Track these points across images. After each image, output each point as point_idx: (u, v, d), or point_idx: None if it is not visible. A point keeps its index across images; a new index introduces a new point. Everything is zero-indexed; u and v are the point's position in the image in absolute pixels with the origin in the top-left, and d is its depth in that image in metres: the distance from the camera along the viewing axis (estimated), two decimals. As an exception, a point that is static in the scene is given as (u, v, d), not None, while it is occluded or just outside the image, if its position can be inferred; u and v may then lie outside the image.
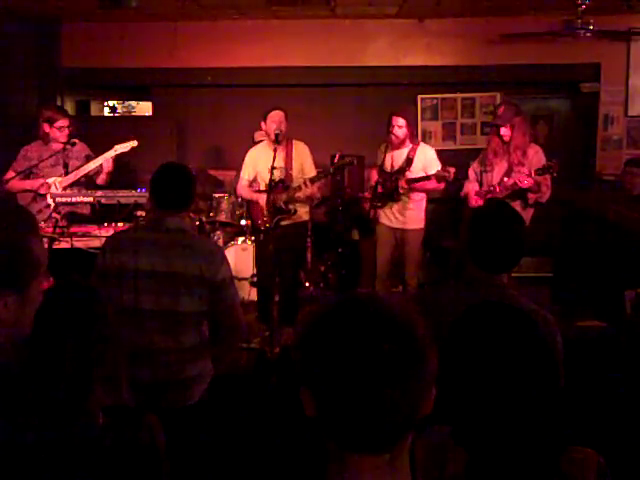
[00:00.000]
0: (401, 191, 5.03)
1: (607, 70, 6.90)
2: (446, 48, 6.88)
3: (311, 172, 4.93)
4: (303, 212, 5.10)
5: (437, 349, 1.04)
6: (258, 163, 5.00)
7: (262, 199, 4.81)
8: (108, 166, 4.86)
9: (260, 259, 5.17)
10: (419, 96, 7.23)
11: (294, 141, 4.98)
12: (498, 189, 4.79)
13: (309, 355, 1.03)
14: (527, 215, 4.83)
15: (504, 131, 4.82)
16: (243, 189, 5.13)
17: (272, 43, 6.88)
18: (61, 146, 4.87)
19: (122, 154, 4.94)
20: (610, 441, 1.41)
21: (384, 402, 0.97)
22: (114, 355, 1.61)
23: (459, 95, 7.30)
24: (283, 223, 4.88)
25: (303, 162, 4.96)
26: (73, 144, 4.82)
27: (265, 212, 4.74)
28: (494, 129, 4.91)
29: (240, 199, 5.64)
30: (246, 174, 5.08)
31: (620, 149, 6.96)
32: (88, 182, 4.99)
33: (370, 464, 1.02)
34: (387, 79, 7.03)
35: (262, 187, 4.92)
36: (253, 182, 5.10)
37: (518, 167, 4.77)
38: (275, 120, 4.80)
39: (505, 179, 4.81)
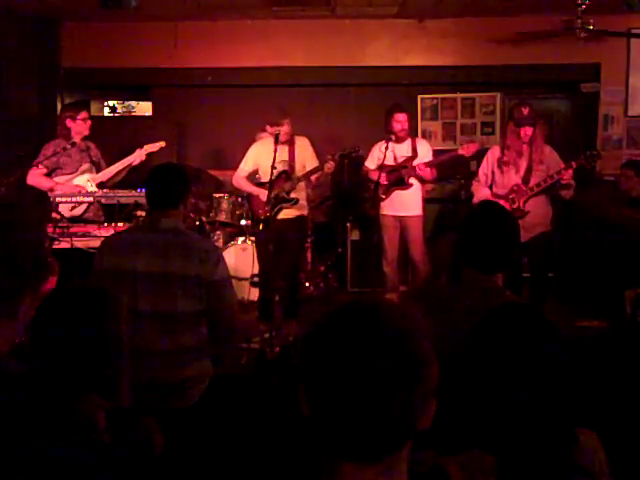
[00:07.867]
0: (419, 172, 5.29)
1: (607, 70, 6.89)
2: (446, 48, 6.88)
3: (313, 165, 5.11)
4: (302, 207, 5.20)
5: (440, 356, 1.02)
6: (260, 157, 5.14)
7: (261, 193, 4.97)
8: (136, 163, 5.08)
9: (260, 253, 5.22)
10: (419, 96, 7.22)
11: (296, 137, 5.14)
12: (524, 188, 4.80)
13: (308, 356, 1.02)
14: (549, 214, 4.95)
15: (528, 131, 4.80)
16: (241, 180, 5.26)
17: (272, 43, 6.88)
18: (83, 144, 4.93)
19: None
20: (610, 441, 1.40)
21: (378, 412, 0.96)
22: (118, 358, 1.60)
23: (459, 95, 7.29)
24: (281, 216, 5.04)
25: (305, 156, 5.15)
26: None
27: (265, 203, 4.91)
28: (516, 130, 4.83)
29: (240, 198, 5.74)
30: (246, 166, 5.24)
31: (620, 149, 6.95)
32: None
33: (363, 473, 0.99)
34: (387, 79, 7.03)
35: (264, 180, 5.08)
36: (254, 175, 5.25)
37: (539, 166, 4.82)
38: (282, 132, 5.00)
39: (531, 178, 4.82)
